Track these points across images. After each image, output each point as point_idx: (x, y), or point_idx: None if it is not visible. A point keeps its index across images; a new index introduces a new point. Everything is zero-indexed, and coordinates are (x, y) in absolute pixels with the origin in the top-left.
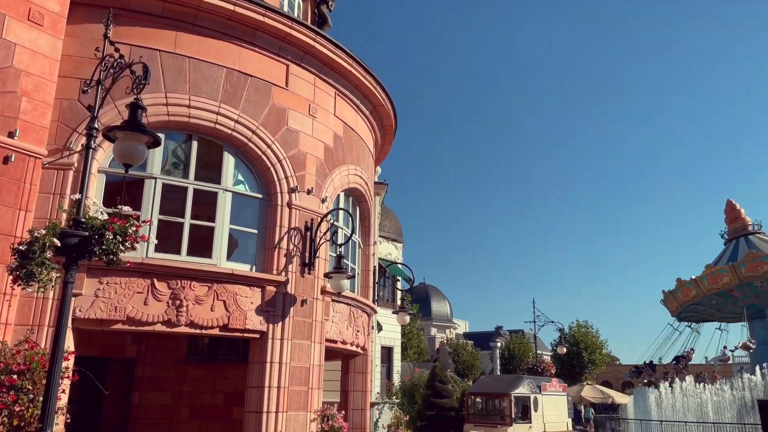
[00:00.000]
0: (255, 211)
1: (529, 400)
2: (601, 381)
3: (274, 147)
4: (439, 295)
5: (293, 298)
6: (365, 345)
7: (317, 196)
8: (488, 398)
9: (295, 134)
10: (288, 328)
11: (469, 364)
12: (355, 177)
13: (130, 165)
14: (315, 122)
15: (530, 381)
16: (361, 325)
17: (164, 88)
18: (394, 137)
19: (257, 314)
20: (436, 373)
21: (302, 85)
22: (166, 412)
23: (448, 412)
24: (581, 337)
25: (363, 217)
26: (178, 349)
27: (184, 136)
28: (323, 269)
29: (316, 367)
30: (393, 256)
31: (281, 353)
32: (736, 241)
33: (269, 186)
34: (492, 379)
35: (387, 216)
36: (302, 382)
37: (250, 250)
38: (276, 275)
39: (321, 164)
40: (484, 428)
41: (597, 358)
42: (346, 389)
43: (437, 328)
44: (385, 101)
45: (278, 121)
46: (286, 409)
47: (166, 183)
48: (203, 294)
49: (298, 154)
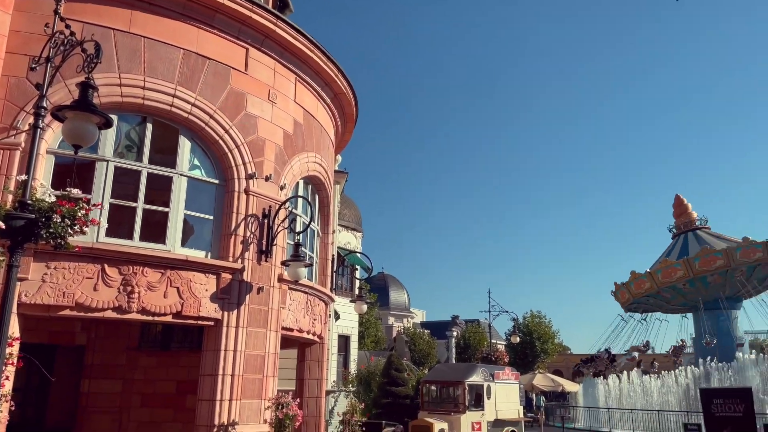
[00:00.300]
0: (211, 197)
1: (482, 388)
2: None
3: (232, 132)
4: (398, 285)
5: (249, 285)
6: (322, 333)
7: (276, 183)
8: (443, 386)
9: (254, 119)
10: (243, 315)
11: (425, 353)
12: (315, 165)
13: (80, 146)
14: (275, 108)
15: (484, 369)
16: (318, 314)
17: (118, 68)
18: (355, 126)
19: (212, 301)
20: (393, 362)
21: (262, 70)
22: (116, 400)
23: (403, 399)
24: (534, 327)
25: (322, 205)
26: (130, 337)
27: (138, 118)
28: (280, 257)
29: (271, 355)
30: (352, 245)
31: (236, 341)
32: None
33: (226, 172)
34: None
35: (347, 205)
36: (257, 370)
37: (205, 236)
38: (232, 262)
39: (280, 151)
40: (438, 415)
41: (549, 348)
42: (302, 377)
43: (395, 318)
44: (347, 89)
45: (236, 105)
46: (239, 397)
47: (119, 166)
48: (156, 280)
49: (256, 139)
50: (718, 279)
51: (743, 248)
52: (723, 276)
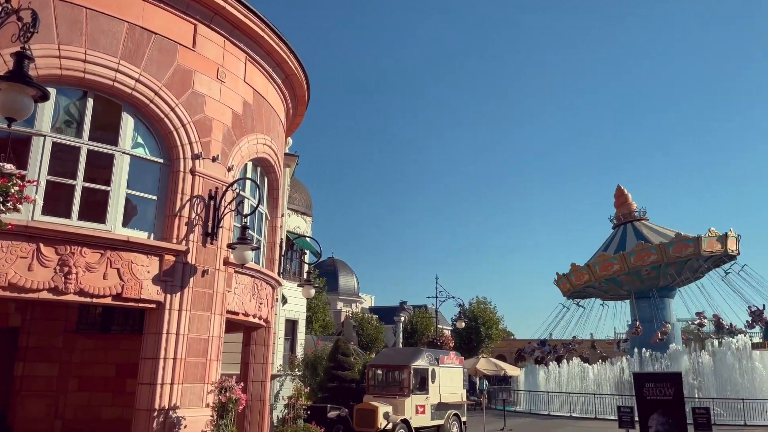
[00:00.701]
0: (155, 177)
1: (427, 372)
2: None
3: (178, 110)
4: (347, 270)
5: (193, 268)
6: (268, 317)
7: (223, 164)
8: (388, 370)
9: (202, 98)
10: (187, 298)
11: (373, 338)
12: (265, 147)
13: (14, 119)
14: (223, 87)
15: (429, 354)
16: (265, 298)
17: (57, 39)
18: (306, 108)
19: (154, 284)
20: (339, 346)
21: (211, 48)
22: (52, 384)
23: (349, 383)
24: (480, 313)
25: (271, 188)
26: (68, 319)
27: (79, 92)
28: (227, 240)
29: (215, 339)
30: (302, 229)
31: (179, 324)
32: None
33: (171, 151)
34: (393, 351)
35: (297, 189)
36: (200, 354)
37: (149, 217)
38: (176, 244)
39: (228, 131)
40: (383, 399)
41: (494, 333)
42: (247, 361)
43: (344, 302)
44: (298, 70)
45: (183, 83)
46: (181, 381)
47: (57, 142)
48: (95, 261)
49: (204, 119)
50: (652, 272)
51: (676, 243)
52: (656, 269)
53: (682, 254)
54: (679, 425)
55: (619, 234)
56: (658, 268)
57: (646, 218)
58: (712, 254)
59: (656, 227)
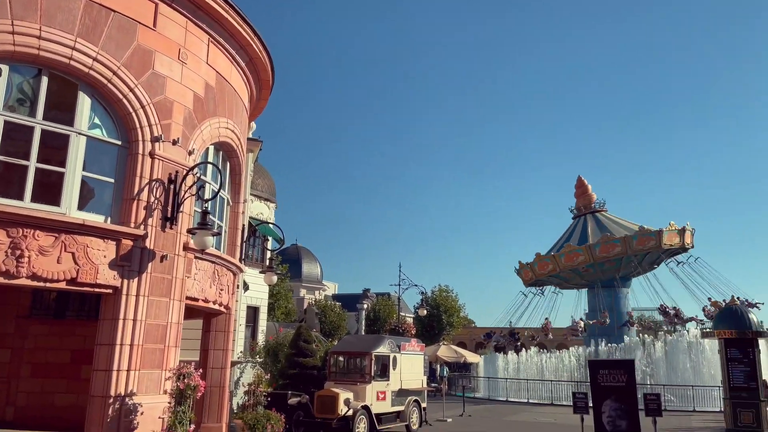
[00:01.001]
0: (113, 159)
1: (388, 359)
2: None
3: (137, 91)
4: (311, 257)
5: (152, 253)
6: (229, 304)
7: (184, 148)
8: (350, 357)
9: (162, 79)
10: (145, 284)
11: (335, 325)
12: (227, 130)
13: None
14: (185, 69)
15: (390, 341)
16: (226, 284)
17: (11, 14)
18: (270, 92)
19: (111, 268)
20: (301, 333)
21: (172, 28)
22: (3, 371)
23: (310, 370)
24: (442, 301)
25: (234, 173)
26: (20, 304)
27: (33, 70)
28: (187, 225)
29: (174, 325)
30: (265, 215)
31: (136, 310)
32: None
33: (130, 133)
34: (355, 338)
35: (260, 174)
36: (158, 340)
37: (106, 200)
38: (133, 228)
39: (189, 114)
40: (345, 385)
41: (455, 321)
42: (207, 347)
43: (307, 290)
44: (263, 54)
45: (143, 63)
46: (138, 368)
47: (9, 120)
48: (49, 244)
49: (164, 101)
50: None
51: (639, 236)
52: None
53: (644, 247)
54: (631, 411)
55: (581, 225)
56: (620, 260)
57: (605, 209)
58: (671, 247)
59: (616, 219)
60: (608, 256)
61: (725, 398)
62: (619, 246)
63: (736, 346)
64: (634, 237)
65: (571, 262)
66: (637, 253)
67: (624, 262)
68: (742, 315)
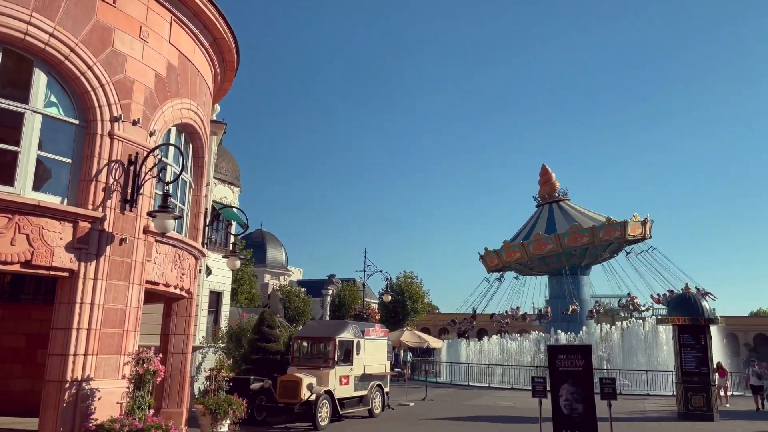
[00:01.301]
0: (70, 139)
1: (352, 344)
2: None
3: (96, 69)
4: (276, 243)
5: (111, 236)
6: (191, 288)
7: (144, 129)
8: (314, 342)
9: (122, 58)
10: (103, 267)
11: (300, 311)
12: (190, 112)
13: None
14: (146, 47)
15: (355, 326)
16: (188, 268)
17: None
18: (235, 74)
19: (67, 251)
20: (265, 318)
21: (133, 5)
22: None
23: (273, 356)
24: (407, 287)
25: (196, 155)
26: None
27: None
28: (147, 207)
29: (133, 309)
30: (229, 199)
31: (94, 294)
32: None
33: (88, 112)
34: (319, 324)
35: (224, 158)
36: (117, 325)
37: (63, 181)
38: (91, 210)
39: (151, 94)
40: (308, 370)
41: (419, 307)
42: (168, 332)
43: (271, 275)
44: (227, 34)
45: (102, 40)
46: (96, 352)
47: None
48: (2, 226)
49: (124, 80)
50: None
51: (606, 227)
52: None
53: (610, 237)
54: (587, 395)
55: (546, 213)
56: (585, 249)
57: (567, 198)
58: (633, 238)
59: (579, 208)
60: (576, 245)
61: (677, 383)
62: (586, 236)
63: (689, 332)
64: (601, 228)
65: (539, 250)
66: (603, 243)
67: (589, 252)
68: (695, 302)
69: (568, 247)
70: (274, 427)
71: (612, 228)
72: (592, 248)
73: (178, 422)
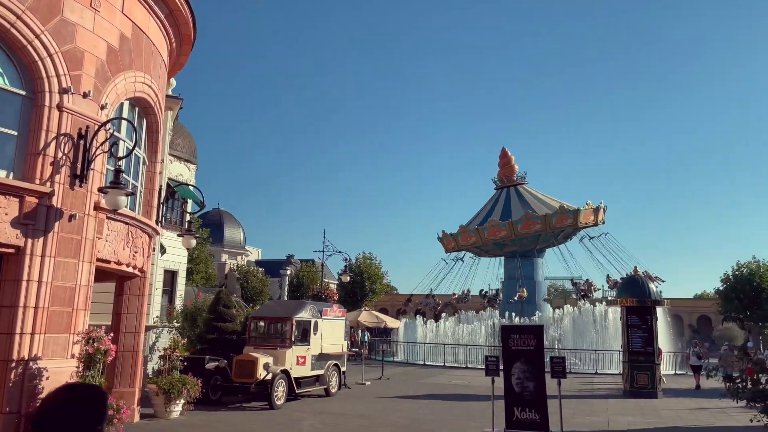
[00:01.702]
0: (16, 110)
1: (309, 324)
2: (379, 308)
3: (43, 38)
4: (233, 222)
5: (59, 212)
6: (144, 267)
7: (95, 102)
8: (271, 322)
9: (72, 27)
10: (51, 244)
11: (258, 291)
12: (144, 86)
13: None
14: (98, 17)
15: (312, 306)
16: (141, 246)
17: None
18: (192, 48)
19: (13, 227)
20: (221, 298)
21: None
22: None
23: (229, 335)
24: (366, 268)
25: (150, 131)
26: None
27: None
28: (98, 183)
29: (83, 288)
30: (185, 177)
31: (41, 271)
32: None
33: (35, 83)
34: (276, 304)
35: (180, 134)
36: (66, 303)
37: (8, 154)
38: (39, 185)
39: (102, 66)
40: (264, 350)
41: (378, 288)
42: (120, 311)
43: (229, 255)
44: (184, 6)
45: (51, 9)
46: (44, 331)
47: None
48: None
49: (74, 50)
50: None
51: (558, 215)
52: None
53: (562, 225)
54: (538, 373)
55: (503, 198)
56: (539, 236)
57: (525, 182)
58: (586, 225)
59: (536, 193)
60: (528, 232)
61: (624, 362)
62: (539, 224)
63: (636, 313)
64: (554, 215)
65: (493, 236)
66: (555, 230)
67: (542, 237)
68: (643, 284)
69: (521, 233)
70: (229, 406)
71: (564, 216)
72: (545, 234)
73: (130, 402)
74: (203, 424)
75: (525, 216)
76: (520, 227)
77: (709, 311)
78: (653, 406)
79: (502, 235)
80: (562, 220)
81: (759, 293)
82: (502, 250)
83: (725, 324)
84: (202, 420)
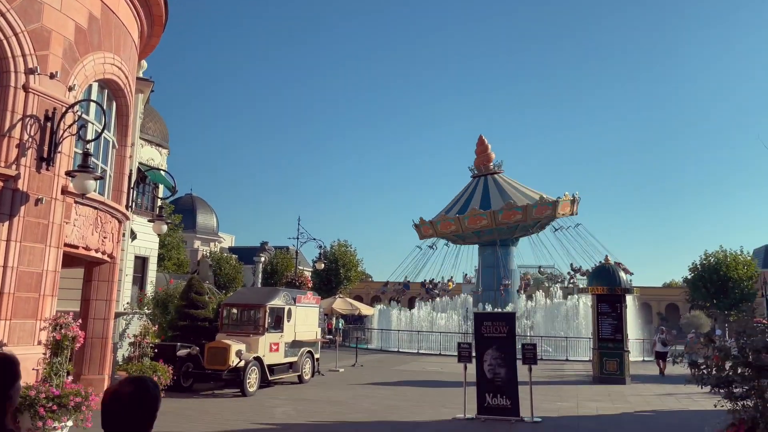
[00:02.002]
0: None
1: (283, 311)
2: (354, 296)
3: (9, 16)
4: (206, 208)
5: (25, 195)
6: (113, 252)
7: (63, 83)
8: (244, 309)
9: (39, 5)
10: (17, 228)
11: (231, 278)
12: (113, 67)
13: None
14: None
15: (286, 293)
16: (110, 232)
17: None
18: (163, 30)
19: None
20: (193, 285)
21: None
22: None
23: (202, 322)
24: (340, 255)
25: (120, 114)
26: None
27: None
28: (66, 167)
29: (50, 273)
30: (156, 162)
31: (6, 256)
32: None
33: (0, 62)
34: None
35: (152, 117)
36: (32, 289)
37: None
38: (4, 168)
39: (70, 46)
40: (237, 337)
41: (352, 275)
42: (88, 297)
43: (202, 241)
44: None
45: None
46: (10, 317)
47: None
48: None
49: (41, 29)
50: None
51: (539, 206)
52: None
53: (542, 216)
54: (510, 360)
55: (481, 187)
56: (518, 225)
57: (501, 170)
58: (563, 215)
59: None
60: (509, 222)
61: (594, 348)
62: (520, 214)
63: (606, 301)
64: (534, 206)
65: (474, 224)
66: (535, 220)
67: (520, 227)
68: (613, 273)
69: (501, 223)
70: (201, 393)
71: (544, 206)
72: (524, 225)
73: (99, 389)
74: (174, 411)
75: (506, 206)
76: (501, 216)
77: (677, 299)
78: (621, 391)
79: (483, 223)
80: (542, 211)
81: (725, 282)
82: (480, 238)
83: (692, 312)
84: (173, 407)
